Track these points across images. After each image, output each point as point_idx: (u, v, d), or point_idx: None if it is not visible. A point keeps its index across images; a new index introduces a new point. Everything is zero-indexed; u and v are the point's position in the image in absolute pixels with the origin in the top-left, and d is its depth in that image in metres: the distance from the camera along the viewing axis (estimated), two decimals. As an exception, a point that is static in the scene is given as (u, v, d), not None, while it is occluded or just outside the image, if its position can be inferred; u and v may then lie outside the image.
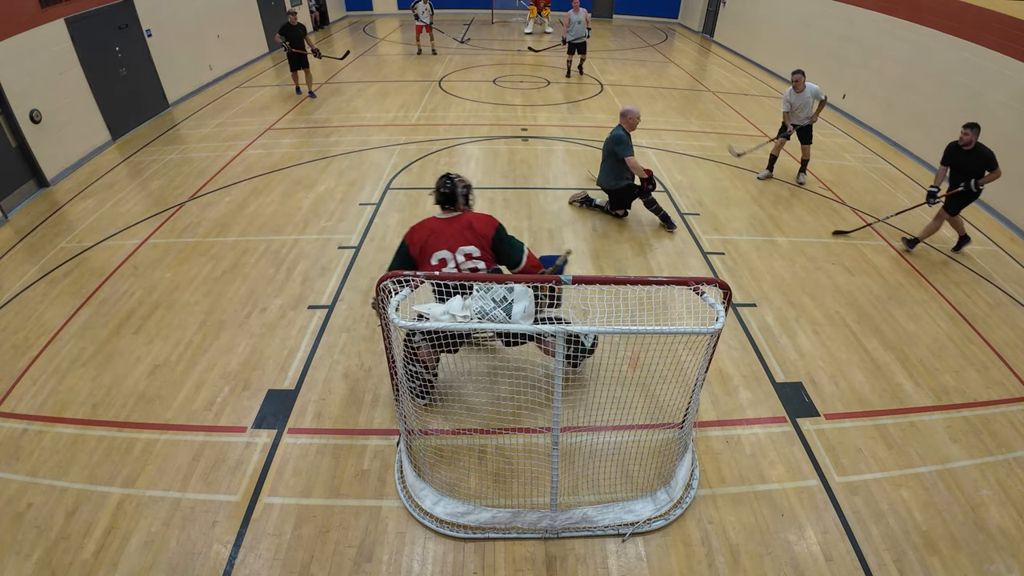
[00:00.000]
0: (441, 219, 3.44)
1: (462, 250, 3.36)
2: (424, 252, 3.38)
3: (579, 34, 11.61)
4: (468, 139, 8.57)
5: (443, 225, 3.40)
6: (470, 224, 3.40)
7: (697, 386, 3.06)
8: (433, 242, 3.37)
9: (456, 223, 3.40)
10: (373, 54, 14.23)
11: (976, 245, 6.17)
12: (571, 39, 11.72)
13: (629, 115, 5.76)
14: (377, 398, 3.91)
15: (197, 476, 3.33)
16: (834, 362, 4.36)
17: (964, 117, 7.40)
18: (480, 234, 3.38)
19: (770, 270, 5.49)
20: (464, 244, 3.36)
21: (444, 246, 3.36)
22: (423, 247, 3.38)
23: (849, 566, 2.94)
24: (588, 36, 11.87)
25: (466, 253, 3.37)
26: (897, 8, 8.94)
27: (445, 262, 3.36)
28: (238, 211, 6.35)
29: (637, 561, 2.95)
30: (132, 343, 4.38)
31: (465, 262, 3.37)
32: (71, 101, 7.50)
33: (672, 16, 19.82)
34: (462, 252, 3.36)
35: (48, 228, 6.08)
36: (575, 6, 11.68)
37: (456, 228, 3.38)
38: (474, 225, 3.39)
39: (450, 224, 3.39)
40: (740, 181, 7.43)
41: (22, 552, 2.92)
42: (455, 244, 3.36)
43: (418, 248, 3.39)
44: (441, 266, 3.36)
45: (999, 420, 3.89)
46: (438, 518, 3.09)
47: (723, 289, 2.67)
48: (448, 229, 3.38)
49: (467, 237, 3.37)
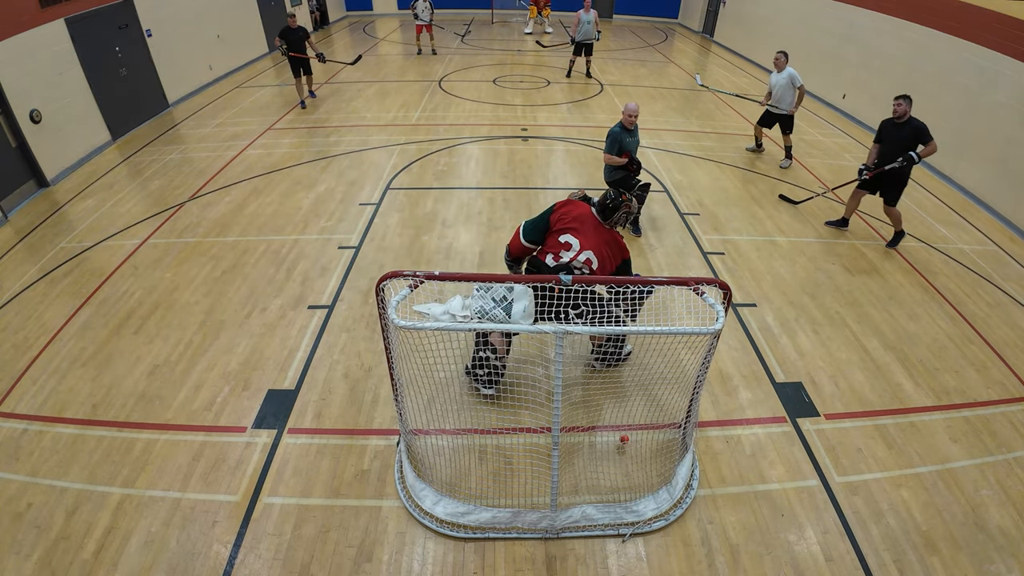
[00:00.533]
0: (595, 218, 3.60)
1: (588, 253, 3.49)
2: (561, 228, 3.52)
3: (588, 34, 11.39)
4: (468, 139, 8.57)
5: (594, 224, 3.56)
6: (611, 243, 3.57)
7: (698, 386, 3.06)
8: (574, 226, 3.51)
9: (605, 233, 3.57)
10: (373, 54, 14.23)
11: (976, 245, 6.17)
12: (580, 39, 11.50)
13: (623, 110, 5.78)
14: (377, 398, 3.91)
15: (197, 476, 3.33)
16: (834, 362, 4.36)
17: (964, 117, 7.44)
18: (612, 256, 3.56)
19: (770, 270, 5.49)
20: (594, 252, 3.49)
21: (580, 237, 3.49)
22: (563, 223, 3.51)
23: (849, 566, 2.94)
24: (597, 39, 11.67)
25: (588, 259, 3.49)
26: (897, 8, 8.94)
27: (569, 247, 3.49)
28: (238, 211, 6.35)
29: (637, 561, 2.95)
30: (132, 343, 4.38)
31: (582, 263, 3.49)
32: (71, 101, 7.50)
33: (672, 16, 19.82)
34: (587, 255, 3.49)
35: (48, 228, 6.08)
36: (586, 6, 11.34)
37: (601, 236, 3.54)
38: (612, 247, 3.56)
39: (599, 229, 3.56)
40: (740, 181, 7.43)
41: (22, 552, 2.92)
42: (588, 244, 3.49)
43: (559, 220, 3.53)
44: (564, 248, 3.49)
45: (999, 420, 3.89)
46: (438, 518, 3.09)
47: (723, 289, 2.67)
48: (595, 231, 3.54)
49: (601, 250, 3.51)
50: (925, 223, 6.59)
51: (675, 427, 3.59)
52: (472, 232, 5.99)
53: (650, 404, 3.81)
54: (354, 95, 10.66)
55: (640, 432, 3.59)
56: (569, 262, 3.48)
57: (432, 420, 3.67)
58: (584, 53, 11.78)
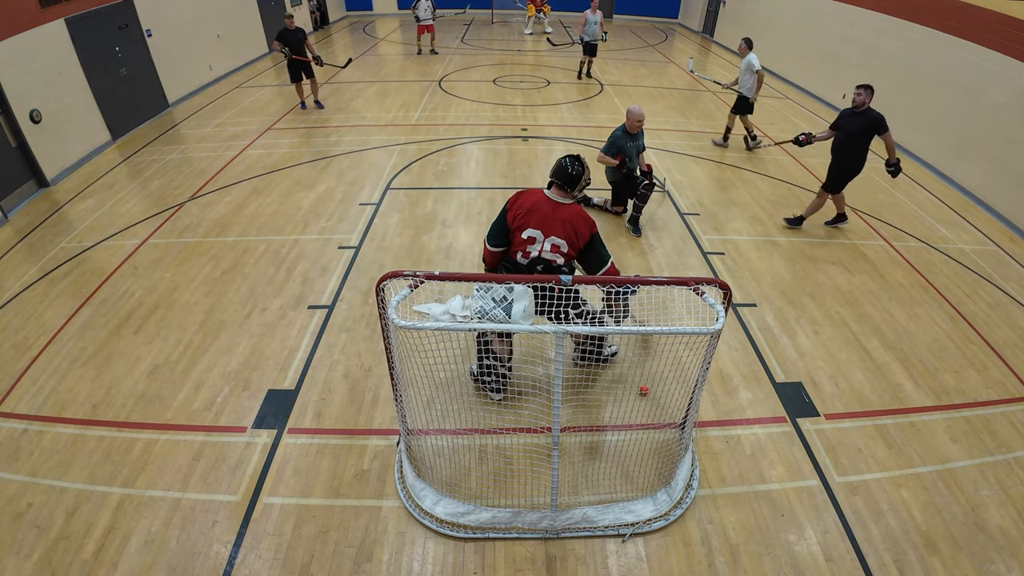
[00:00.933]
0: (549, 200, 3.38)
1: (553, 239, 3.35)
2: (519, 224, 3.38)
3: (595, 35, 11.28)
4: (468, 139, 8.57)
5: (549, 207, 3.36)
6: (573, 219, 3.35)
7: (698, 386, 3.06)
8: (531, 219, 3.36)
9: (561, 211, 3.35)
10: (373, 54, 14.23)
11: (976, 245, 6.17)
12: (588, 39, 11.37)
13: (628, 113, 5.76)
14: (377, 398, 3.91)
15: (197, 476, 3.33)
16: (834, 362, 4.36)
17: (964, 117, 7.44)
18: (577, 233, 3.35)
19: (770, 270, 5.49)
20: (558, 235, 3.34)
21: (539, 227, 3.34)
22: (520, 219, 3.37)
23: (849, 566, 2.94)
24: (604, 39, 11.53)
25: (555, 244, 3.36)
26: (897, 8, 8.94)
27: (533, 240, 3.36)
28: (238, 211, 6.35)
29: (637, 561, 2.95)
30: (132, 343, 4.38)
31: (549, 251, 3.37)
32: (71, 101, 7.50)
33: (672, 16, 19.83)
34: (552, 241, 3.35)
35: (48, 228, 6.08)
36: (593, 6, 11.15)
37: (559, 217, 3.34)
38: (575, 223, 3.35)
39: (555, 210, 3.35)
40: (740, 181, 7.43)
41: (22, 552, 2.92)
42: (550, 231, 3.34)
43: (514, 218, 3.39)
44: (528, 243, 3.37)
45: (999, 420, 3.89)
46: (438, 518, 3.09)
47: (723, 289, 2.67)
48: (551, 214, 3.35)
49: (565, 230, 3.34)
50: (925, 223, 6.59)
51: (675, 427, 3.59)
52: (472, 232, 5.99)
53: (650, 404, 3.81)
54: (354, 95, 10.66)
55: (640, 432, 3.59)
56: (538, 255, 3.40)
57: (432, 420, 3.67)
58: (590, 54, 11.71)
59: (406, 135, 8.67)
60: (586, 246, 3.41)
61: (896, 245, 6.04)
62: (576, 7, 20.13)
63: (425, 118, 9.46)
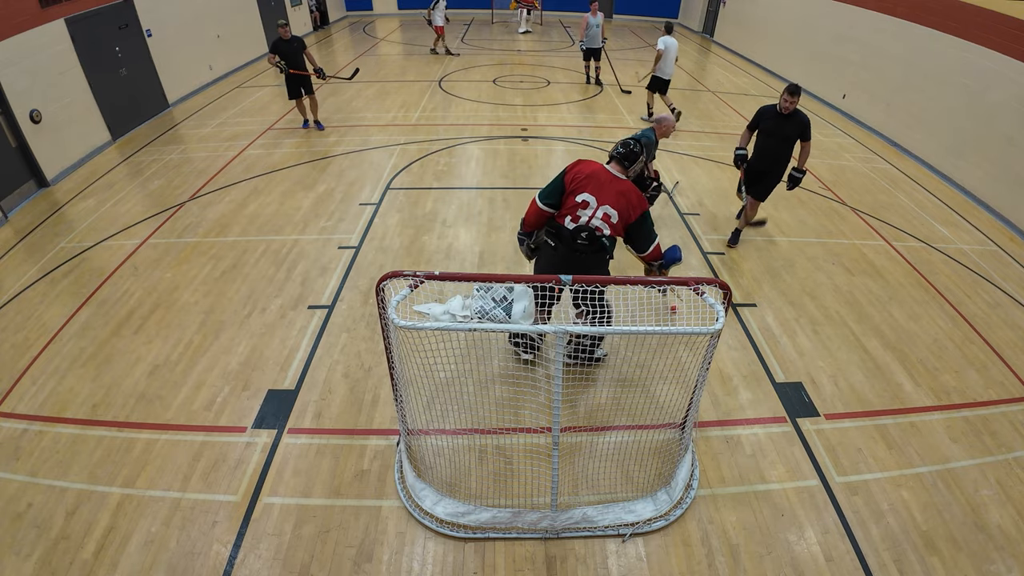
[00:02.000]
0: (608, 171, 3.50)
1: (605, 208, 3.42)
2: (576, 188, 3.46)
3: (596, 40, 10.73)
4: (468, 139, 8.57)
5: (606, 177, 3.47)
6: (628, 193, 3.45)
7: (698, 386, 3.07)
8: (588, 185, 3.44)
9: (617, 184, 3.46)
10: (373, 54, 14.23)
11: (976, 245, 6.17)
12: (588, 45, 10.85)
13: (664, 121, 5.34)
14: (377, 398, 3.91)
15: (197, 476, 3.33)
16: (834, 362, 4.36)
17: (964, 117, 7.44)
18: (631, 207, 3.44)
19: (770, 270, 5.49)
20: (611, 205, 3.42)
21: (595, 193, 3.42)
22: (577, 183, 3.46)
23: (849, 566, 2.94)
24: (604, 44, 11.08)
25: (606, 213, 3.43)
26: (897, 8, 8.94)
27: (587, 205, 3.43)
28: (238, 211, 6.35)
29: (637, 561, 2.95)
30: (132, 343, 4.38)
31: (600, 219, 3.44)
32: (71, 101, 7.50)
33: (672, 16, 19.84)
34: (604, 210, 3.42)
35: (48, 228, 6.08)
36: (593, 9, 10.58)
37: (615, 188, 3.44)
38: (630, 197, 3.44)
39: (612, 182, 3.46)
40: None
41: (22, 552, 2.92)
42: (604, 199, 3.42)
43: (573, 179, 3.47)
44: (581, 207, 3.44)
45: (999, 420, 3.89)
46: (438, 518, 3.09)
47: (723, 289, 2.67)
48: (608, 184, 3.45)
49: (619, 202, 3.42)
50: (925, 223, 6.59)
51: (675, 427, 3.59)
52: (472, 232, 5.99)
53: (650, 404, 3.81)
54: (354, 95, 10.66)
55: (640, 432, 3.59)
56: (588, 221, 3.44)
57: (432, 420, 3.67)
58: (593, 59, 11.31)
59: (406, 135, 8.67)
60: (636, 222, 3.48)
61: (896, 245, 6.04)
62: (576, 7, 20.17)
63: (425, 118, 9.46)
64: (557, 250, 3.55)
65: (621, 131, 9.02)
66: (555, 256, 3.58)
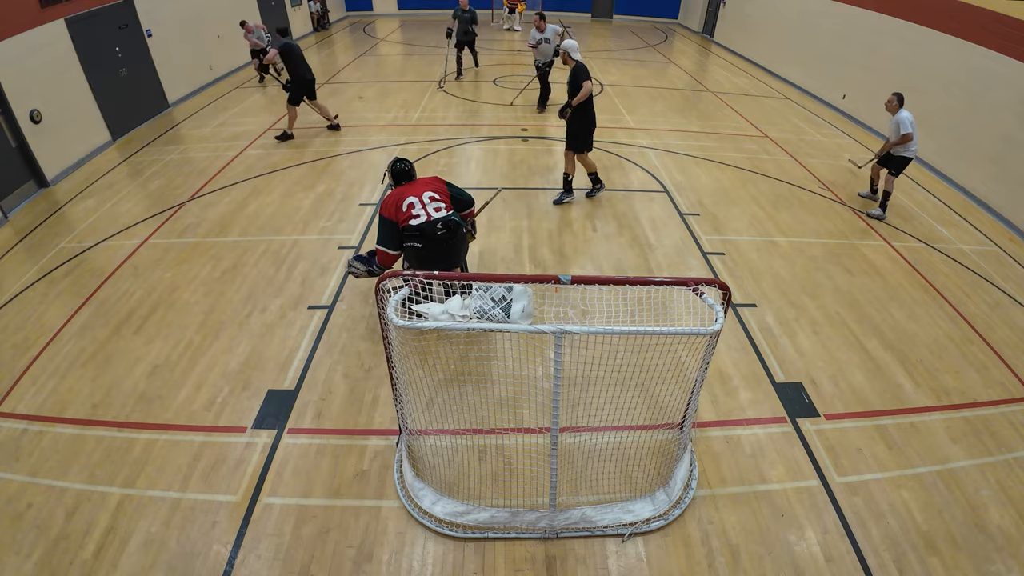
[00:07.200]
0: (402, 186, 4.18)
1: (427, 194, 4.07)
2: (399, 211, 4.01)
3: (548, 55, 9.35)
4: (468, 139, 8.57)
5: (405, 187, 4.15)
6: (425, 181, 4.19)
7: (697, 386, 3.06)
8: (401, 198, 4.03)
9: (415, 183, 4.18)
10: (373, 54, 14.23)
11: (976, 245, 6.18)
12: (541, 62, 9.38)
13: None
14: (377, 398, 3.91)
15: (197, 476, 3.33)
16: (834, 362, 4.36)
17: (964, 117, 7.45)
18: (436, 186, 4.17)
19: (770, 270, 5.49)
20: (427, 190, 4.08)
21: (411, 194, 4.05)
22: (397, 209, 4.01)
23: (849, 566, 2.94)
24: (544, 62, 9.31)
25: (430, 196, 4.07)
26: (897, 8, 8.94)
27: (413, 205, 4.01)
28: (238, 211, 6.35)
29: (637, 561, 2.95)
30: (132, 343, 4.38)
31: (431, 203, 4.03)
32: (71, 101, 7.50)
33: (672, 16, 19.83)
34: (427, 195, 4.06)
35: (48, 228, 6.08)
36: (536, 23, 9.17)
37: (417, 184, 4.16)
38: (429, 182, 4.19)
39: (411, 185, 4.16)
40: (740, 181, 7.43)
41: (22, 552, 2.92)
42: (420, 191, 4.07)
43: (393, 211, 4.02)
44: (411, 210, 3.99)
45: (999, 420, 3.89)
46: (437, 518, 3.09)
47: (723, 290, 2.67)
48: (410, 187, 4.13)
49: (429, 186, 4.14)
50: (925, 223, 6.59)
51: (674, 427, 3.59)
52: (472, 232, 5.99)
53: (649, 404, 3.81)
54: (354, 95, 10.66)
55: (639, 432, 3.59)
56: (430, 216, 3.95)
57: (432, 420, 3.67)
58: None
59: (406, 135, 8.67)
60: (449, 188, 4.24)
61: (896, 245, 6.04)
62: (576, 7, 20.13)
63: (425, 118, 9.46)
64: (426, 247, 3.99)
65: (620, 131, 9.03)
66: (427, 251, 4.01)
